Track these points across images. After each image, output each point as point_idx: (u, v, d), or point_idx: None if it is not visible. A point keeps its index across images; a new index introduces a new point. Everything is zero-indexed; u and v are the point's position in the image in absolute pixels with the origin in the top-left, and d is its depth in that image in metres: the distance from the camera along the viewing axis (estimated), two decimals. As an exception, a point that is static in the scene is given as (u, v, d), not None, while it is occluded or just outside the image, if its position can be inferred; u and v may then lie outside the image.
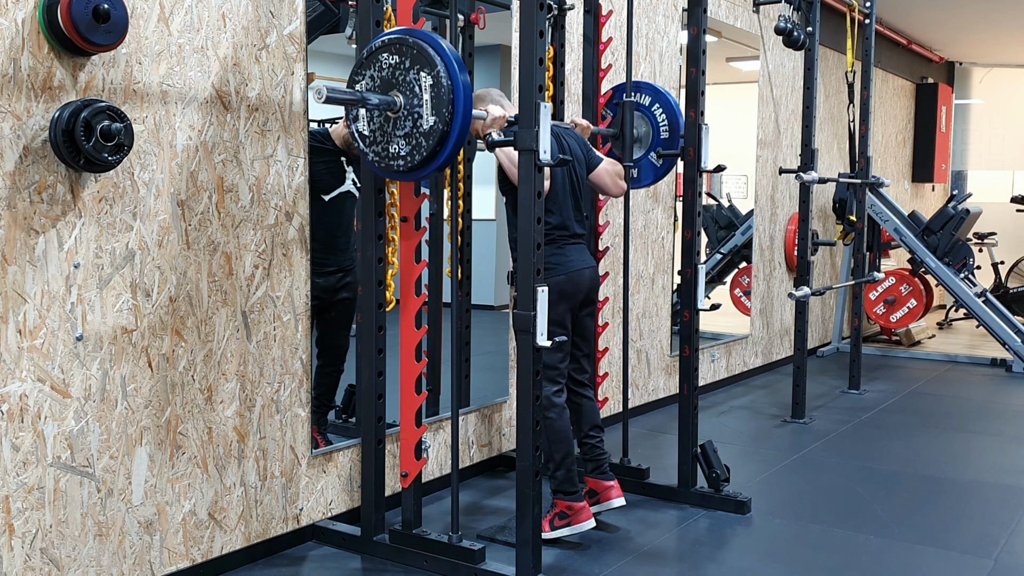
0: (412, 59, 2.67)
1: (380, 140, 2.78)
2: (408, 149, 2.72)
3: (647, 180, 4.04)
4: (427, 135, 2.68)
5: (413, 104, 2.69)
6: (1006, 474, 4.33)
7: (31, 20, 2.40)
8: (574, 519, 3.30)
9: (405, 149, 2.73)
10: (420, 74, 2.66)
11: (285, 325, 3.16)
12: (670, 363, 5.49)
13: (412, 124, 2.70)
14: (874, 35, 6.09)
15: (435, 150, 2.68)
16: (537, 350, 2.76)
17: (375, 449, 3.18)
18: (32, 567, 2.49)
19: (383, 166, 2.80)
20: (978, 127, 10.88)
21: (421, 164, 2.73)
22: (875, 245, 6.88)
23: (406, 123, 2.71)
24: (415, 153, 2.71)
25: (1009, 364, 7.00)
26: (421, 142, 2.70)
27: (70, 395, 2.55)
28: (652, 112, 3.95)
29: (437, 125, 2.65)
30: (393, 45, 2.71)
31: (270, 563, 3.14)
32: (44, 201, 2.46)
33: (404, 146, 2.73)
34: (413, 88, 2.68)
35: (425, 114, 2.67)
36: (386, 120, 2.75)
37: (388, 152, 2.77)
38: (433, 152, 2.69)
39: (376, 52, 2.74)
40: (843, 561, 3.26)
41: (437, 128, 2.66)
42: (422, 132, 2.69)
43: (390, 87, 2.72)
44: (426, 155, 2.70)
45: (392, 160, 2.77)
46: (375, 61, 2.74)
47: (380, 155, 2.79)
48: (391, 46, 2.72)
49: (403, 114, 2.71)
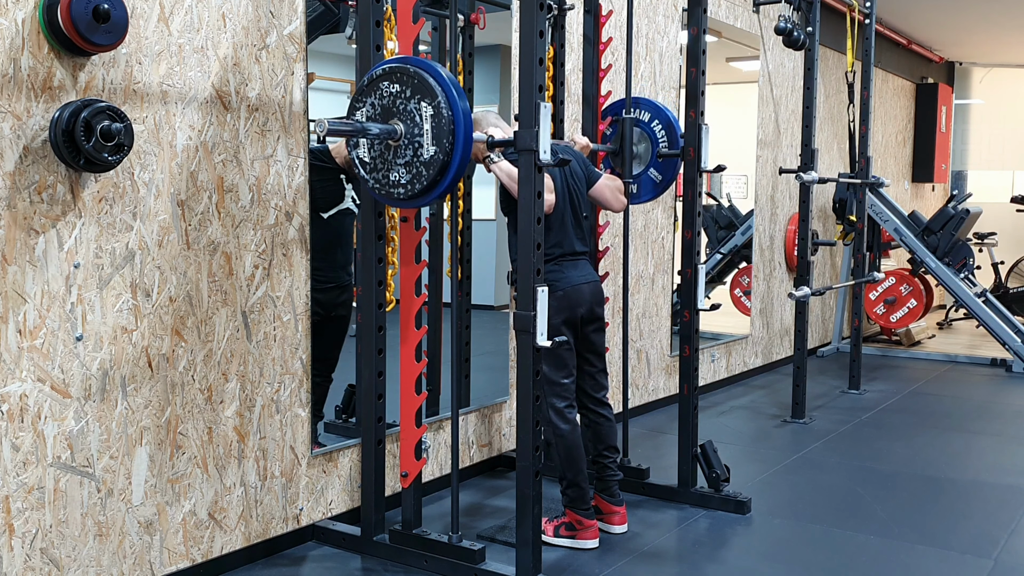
0: (413, 88, 2.68)
1: (380, 168, 2.78)
2: (408, 178, 2.73)
3: (646, 196, 4.05)
4: (428, 164, 2.68)
5: (414, 133, 2.69)
6: (1006, 474, 4.33)
7: (31, 20, 2.40)
8: (580, 534, 3.30)
9: (406, 178, 2.73)
10: (421, 104, 2.67)
11: (285, 325, 3.16)
12: (670, 363, 5.49)
13: (413, 153, 2.71)
14: (874, 35, 6.09)
15: (435, 179, 2.69)
16: (537, 350, 2.76)
17: (375, 449, 3.18)
18: (32, 567, 2.49)
19: (383, 193, 2.81)
20: (978, 127, 10.88)
21: (421, 193, 2.73)
22: (875, 245, 6.88)
23: (407, 152, 2.72)
24: (415, 182, 2.72)
25: (1009, 364, 7.00)
26: (422, 171, 2.70)
27: (70, 395, 2.55)
28: (651, 128, 3.95)
29: (438, 155, 2.66)
30: (394, 74, 2.72)
31: (270, 563, 3.14)
32: (44, 201, 2.46)
33: (404, 175, 2.73)
34: (414, 117, 2.68)
35: (426, 144, 2.68)
36: (387, 148, 2.76)
37: (388, 180, 2.77)
38: (433, 181, 2.70)
39: (377, 80, 2.75)
40: (843, 561, 3.26)
41: (438, 158, 2.66)
42: (423, 161, 2.69)
43: (391, 115, 2.73)
44: (426, 184, 2.70)
45: (392, 188, 2.77)
46: (376, 89, 2.75)
47: (380, 182, 2.79)
48: (392, 75, 2.72)
49: (404, 143, 2.72)
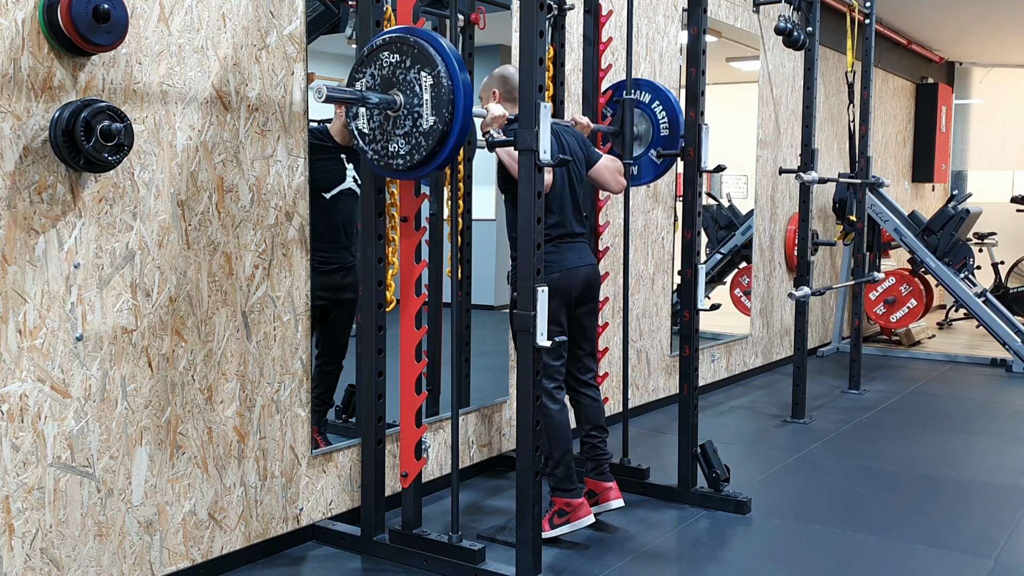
0: (413, 58, 2.67)
1: (380, 138, 2.78)
2: (408, 148, 2.72)
3: (647, 178, 4.04)
4: (427, 135, 2.68)
5: (413, 103, 2.69)
6: (1006, 474, 4.33)
7: (31, 20, 2.40)
8: (573, 515, 3.30)
9: (404, 148, 2.73)
10: (421, 73, 2.66)
11: (285, 325, 3.16)
12: (670, 363, 5.49)
13: (412, 123, 2.70)
14: (874, 35, 6.09)
15: (435, 150, 2.68)
16: (537, 350, 2.76)
17: (375, 449, 3.18)
18: (32, 567, 2.49)
19: (382, 164, 2.80)
20: (978, 127, 10.88)
21: (420, 163, 2.73)
22: (875, 245, 6.88)
23: (406, 122, 2.71)
24: (415, 152, 2.71)
25: (1009, 364, 7.00)
26: (421, 141, 2.70)
27: (70, 395, 2.55)
28: (652, 110, 3.95)
29: (437, 125, 2.65)
30: (394, 44, 2.71)
31: (270, 563, 3.14)
32: (44, 201, 2.46)
33: (404, 145, 2.73)
34: (413, 87, 2.68)
35: (425, 114, 2.67)
36: (386, 119, 2.75)
37: (387, 151, 2.77)
38: (433, 152, 2.69)
39: (377, 50, 2.75)
40: (843, 561, 3.26)
41: (437, 128, 2.66)
42: (422, 132, 2.69)
43: (390, 86, 2.72)
44: (425, 155, 2.70)
45: (391, 159, 2.77)
46: (376, 59, 2.75)
47: (379, 153, 2.79)
48: (392, 44, 2.72)
49: (403, 113, 2.71)
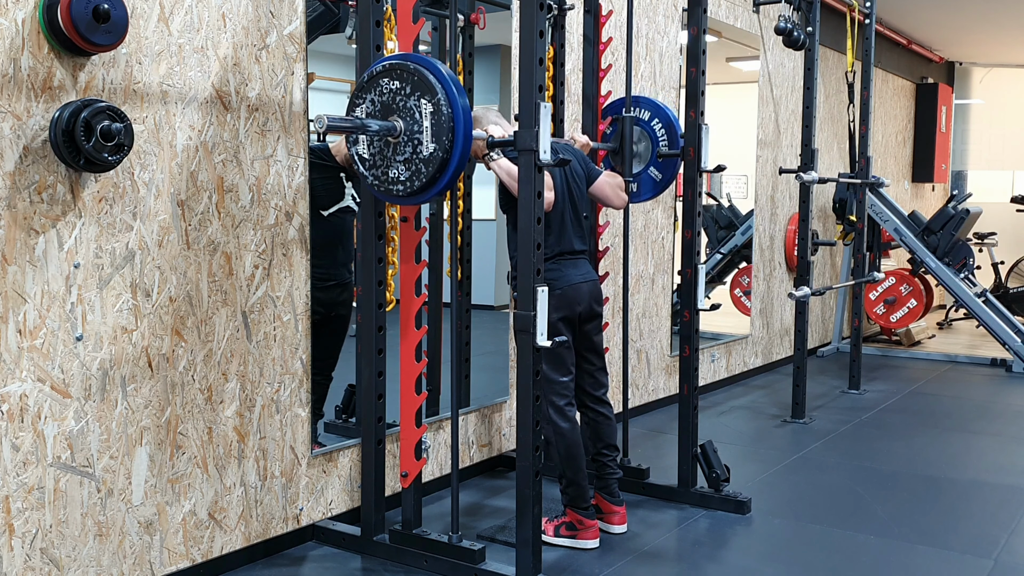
0: (413, 85, 2.67)
1: (380, 164, 2.78)
2: (408, 175, 2.73)
3: (646, 195, 4.05)
4: (427, 162, 2.68)
5: (413, 130, 2.69)
6: (1006, 474, 4.33)
7: (31, 20, 2.40)
8: (580, 534, 3.30)
9: (405, 175, 2.73)
10: (421, 101, 2.66)
11: (285, 325, 3.16)
12: (670, 363, 5.49)
13: (412, 150, 2.70)
14: (874, 35, 6.09)
15: (435, 176, 2.69)
16: (537, 350, 2.76)
17: (375, 449, 3.18)
18: (32, 567, 2.49)
19: (382, 190, 2.81)
20: (978, 127, 10.88)
21: (420, 190, 2.73)
22: (875, 245, 6.88)
23: (406, 148, 2.72)
24: (415, 179, 2.72)
25: (1009, 364, 7.00)
26: (421, 168, 2.70)
27: (70, 395, 2.55)
28: (651, 127, 3.95)
29: (437, 152, 2.66)
30: (394, 71, 2.71)
31: (270, 563, 3.14)
32: (44, 201, 2.46)
33: (404, 171, 2.73)
34: (413, 114, 2.68)
35: (425, 141, 2.67)
36: (386, 144, 2.76)
37: (388, 176, 2.77)
38: (433, 178, 2.69)
39: (376, 77, 2.75)
40: (843, 561, 3.26)
41: (437, 155, 2.66)
42: (422, 159, 2.69)
43: (390, 112, 2.72)
44: (426, 181, 2.70)
45: (391, 184, 2.77)
46: (375, 85, 2.75)
47: (379, 179, 2.79)
48: (392, 71, 2.72)
49: (403, 139, 2.71)
